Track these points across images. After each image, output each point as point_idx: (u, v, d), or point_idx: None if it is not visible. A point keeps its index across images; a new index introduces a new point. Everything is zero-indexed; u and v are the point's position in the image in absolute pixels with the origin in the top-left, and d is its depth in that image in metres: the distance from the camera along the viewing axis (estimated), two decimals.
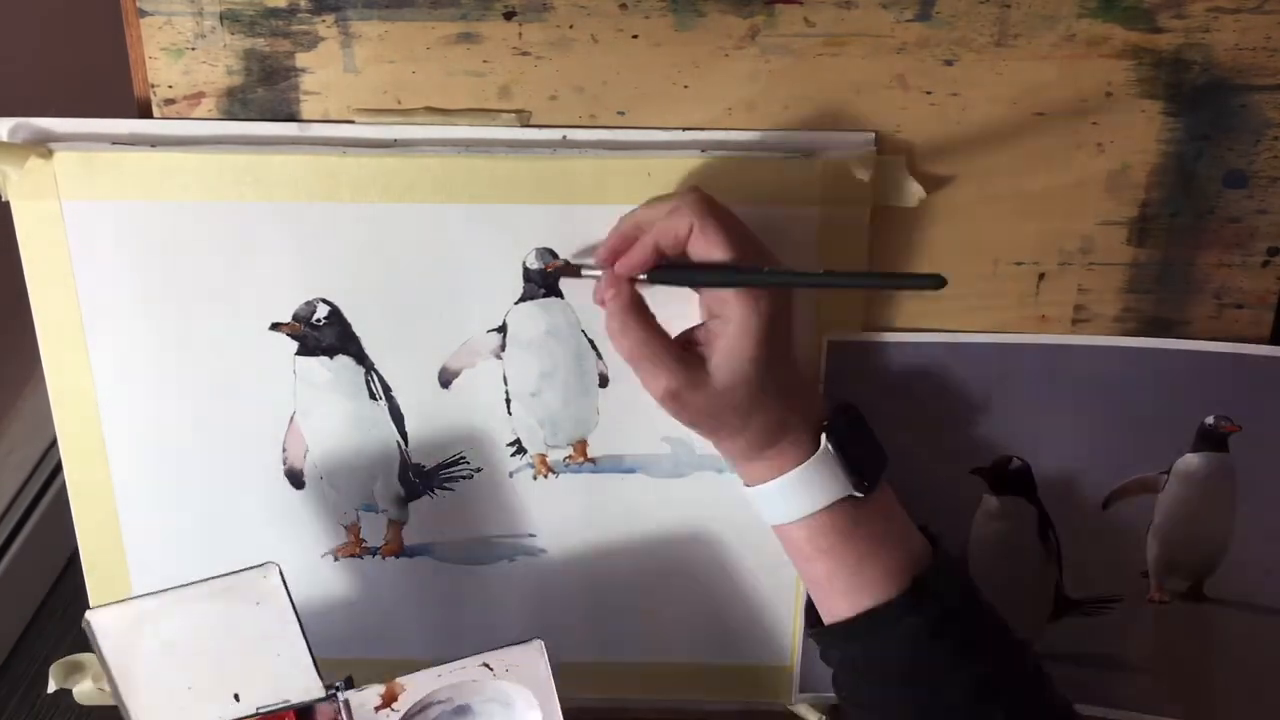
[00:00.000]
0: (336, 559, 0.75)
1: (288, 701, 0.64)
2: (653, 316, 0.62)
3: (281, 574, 0.63)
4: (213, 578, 0.63)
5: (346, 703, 0.64)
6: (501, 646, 0.63)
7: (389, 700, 0.63)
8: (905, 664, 0.63)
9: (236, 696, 0.64)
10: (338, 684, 0.64)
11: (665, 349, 0.61)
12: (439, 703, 0.64)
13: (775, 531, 0.65)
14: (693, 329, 0.64)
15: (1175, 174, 0.68)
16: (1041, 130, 0.67)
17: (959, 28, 0.65)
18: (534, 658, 0.63)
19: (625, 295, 0.62)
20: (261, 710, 0.64)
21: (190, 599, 0.63)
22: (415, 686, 0.63)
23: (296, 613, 0.63)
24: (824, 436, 0.63)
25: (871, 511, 0.64)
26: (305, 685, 0.64)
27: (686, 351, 0.62)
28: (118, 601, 0.63)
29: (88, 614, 0.62)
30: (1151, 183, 0.68)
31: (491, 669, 0.63)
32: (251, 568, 0.63)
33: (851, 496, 0.63)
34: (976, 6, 0.65)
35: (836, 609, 0.64)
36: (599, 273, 0.64)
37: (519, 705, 0.64)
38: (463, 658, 0.63)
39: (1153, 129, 0.67)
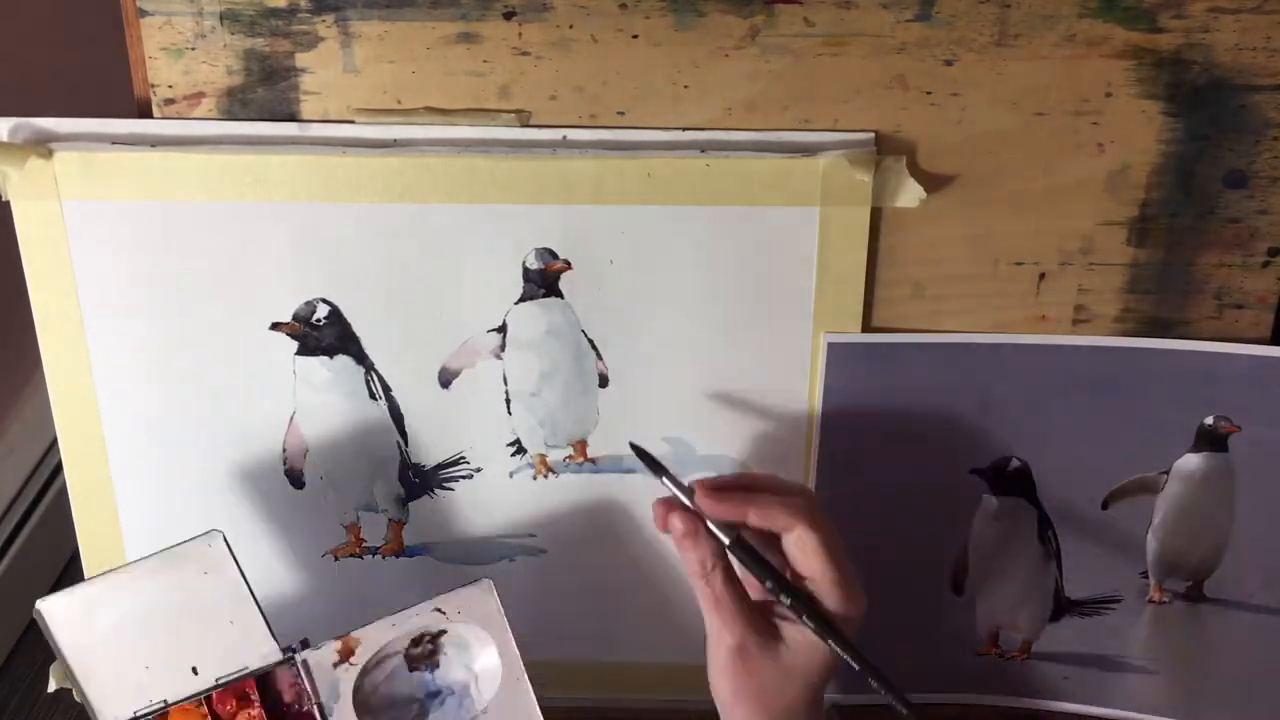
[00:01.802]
0: (336, 559, 0.75)
1: (246, 668, 0.63)
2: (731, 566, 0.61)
3: (226, 540, 0.63)
4: (157, 552, 0.62)
5: (305, 663, 0.63)
6: (451, 590, 0.64)
7: (346, 655, 0.63)
8: None
9: (195, 670, 0.63)
10: (294, 646, 0.64)
11: (745, 600, 0.61)
12: (395, 653, 0.65)
13: None
14: (773, 602, 0.62)
15: (1175, 174, 0.68)
16: (1041, 130, 0.67)
17: (959, 28, 0.65)
18: (484, 597, 0.64)
19: (713, 544, 0.61)
20: (221, 681, 0.63)
21: (138, 576, 0.62)
22: (371, 638, 0.64)
23: (245, 578, 0.63)
24: None
25: None
26: (262, 651, 0.63)
27: (763, 613, 0.62)
28: (66, 588, 0.63)
29: (38, 603, 0.62)
30: (1151, 183, 0.68)
31: (444, 612, 0.64)
32: (194, 538, 0.63)
33: None
34: (976, 6, 0.64)
35: None
36: (681, 495, 0.62)
37: (474, 646, 0.65)
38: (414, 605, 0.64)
39: (1153, 129, 0.67)
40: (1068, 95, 0.66)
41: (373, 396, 0.71)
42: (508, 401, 0.72)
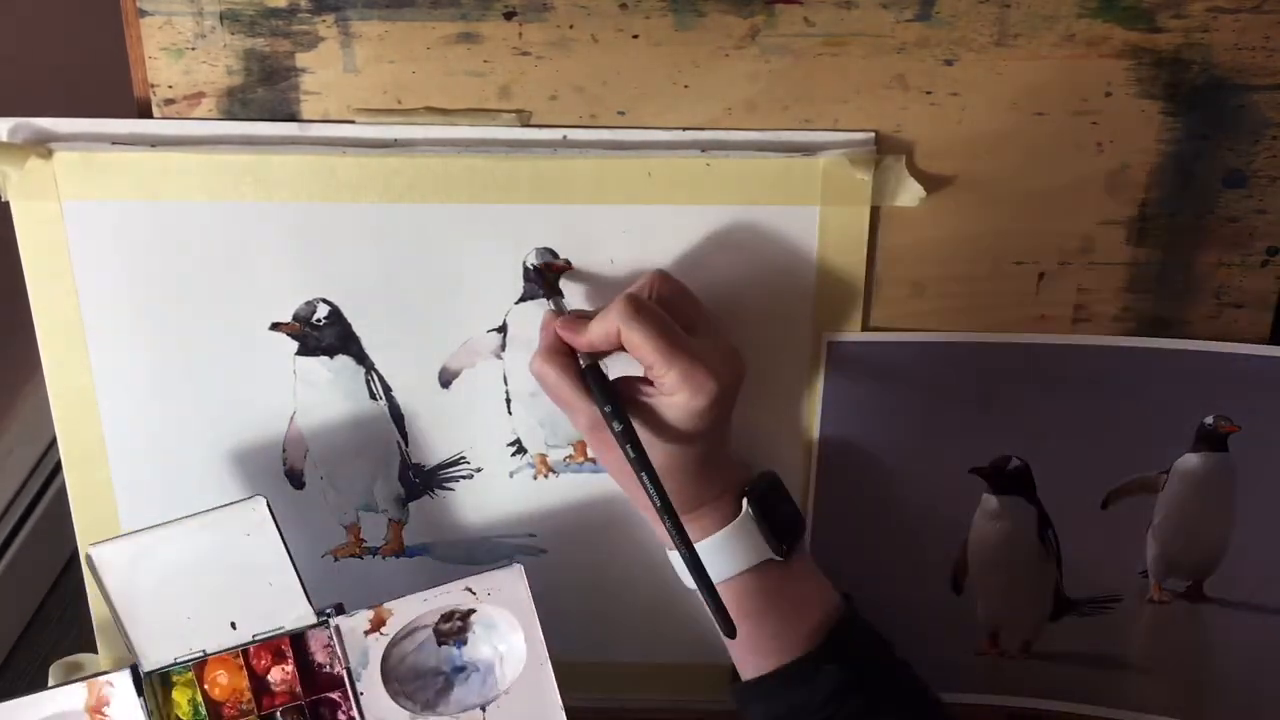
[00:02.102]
0: (336, 559, 0.75)
1: (282, 628, 0.66)
2: (576, 362, 0.64)
3: (269, 506, 0.65)
4: (204, 511, 0.65)
5: (338, 628, 0.66)
6: (483, 571, 0.66)
7: (378, 625, 0.66)
8: (825, 716, 0.63)
9: (233, 624, 0.66)
10: (329, 610, 0.66)
11: (583, 390, 0.63)
12: (425, 626, 0.66)
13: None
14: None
15: (1175, 174, 0.68)
16: (1041, 130, 0.67)
17: (959, 28, 0.65)
18: (514, 581, 0.66)
19: (550, 338, 0.64)
20: (258, 637, 0.66)
21: (184, 532, 0.65)
22: (402, 611, 0.66)
23: (285, 543, 0.65)
24: (745, 502, 0.65)
25: (792, 574, 0.66)
26: (297, 612, 0.66)
27: (641, 389, 0.63)
28: (117, 536, 0.65)
29: (89, 548, 0.65)
30: (1151, 182, 0.68)
31: (474, 592, 0.66)
32: (239, 501, 0.65)
33: (772, 560, 0.65)
34: (976, 6, 0.65)
35: (757, 666, 0.65)
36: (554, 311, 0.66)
37: (502, 627, 0.66)
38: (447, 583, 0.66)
39: (1152, 129, 0.67)
40: (1067, 95, 0.66)
41: (373, 396, 0.71)
42: (508, 401, 0.72)
